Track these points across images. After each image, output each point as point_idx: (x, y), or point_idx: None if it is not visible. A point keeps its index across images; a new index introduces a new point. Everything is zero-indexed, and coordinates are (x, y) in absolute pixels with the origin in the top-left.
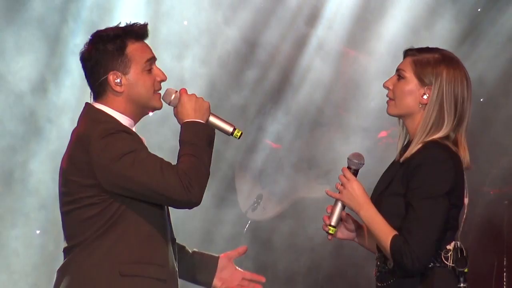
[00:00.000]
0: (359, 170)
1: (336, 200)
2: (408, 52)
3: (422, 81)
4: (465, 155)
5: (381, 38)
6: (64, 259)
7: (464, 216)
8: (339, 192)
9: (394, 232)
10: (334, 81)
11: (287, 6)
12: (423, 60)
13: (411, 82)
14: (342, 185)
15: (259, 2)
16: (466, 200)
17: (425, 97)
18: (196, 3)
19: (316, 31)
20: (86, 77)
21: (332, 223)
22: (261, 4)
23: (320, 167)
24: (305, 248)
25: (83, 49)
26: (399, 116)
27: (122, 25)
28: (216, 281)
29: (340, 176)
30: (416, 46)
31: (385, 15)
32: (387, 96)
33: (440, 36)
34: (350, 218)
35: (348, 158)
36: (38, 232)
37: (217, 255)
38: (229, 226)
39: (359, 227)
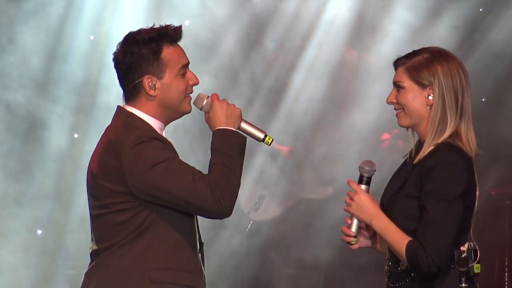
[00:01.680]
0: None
1: None
2: (398, 62)
3: (421, 85)
4: (472, 143)
5: (383, 38)
6: (91, 262)
7: (475, 209)
8: (348, 206)
9: (408, 238)
10: (336, 82)
11: (288, 6)
12: (415, 64)
13: (412, 89)
14: (350, 198)
15: (259, 2)
16: (477, 194)
17: (430, 97)
18: (197, 4)
19: (317, 32)
20: (118, 78)
21: (354, 234)
22: (262, 5)
23: (322, 168)
24: (306, 249)
25: (116, 51)
26: (411, 126)
27: (156, 26)
28: None
29: (347, 191)
30: (416, 47)
31: (386, 16)
32: (395, 109)
33: (440, 37)
34: (367, 226)
35: (359, 166)
36: (39, 232)
37: None
38: (231, 226)
39: (374, 234)
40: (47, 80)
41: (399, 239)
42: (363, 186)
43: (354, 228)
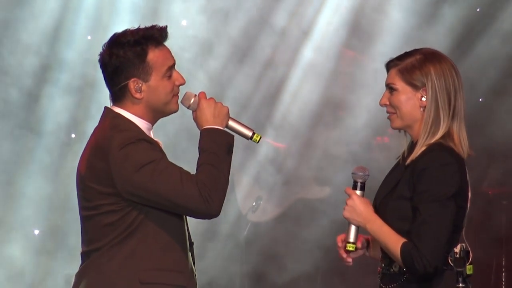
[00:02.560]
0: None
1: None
2: (390, 64)
3: (415, 86)
4: (464, 144)
5: (379, 39)
6: (81, 263)
7: (467, 210)
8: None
9: (403, 240)
10: (332, 82)
11: (285, 7)
12: (408, 66)
13: (405, 90)
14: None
15: (258, 2)
16: (469, 195)
17: (423, 99)
18: (194, 4)
19: (314, 32)
20: (105, 80)
21: (351, 240)
22: (260, 5)
23: (318, 168)
24: (304, 249)
25: (102, 53)
26: (404, 128)
27: (141, 27)
28: None
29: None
30: (415, 47)
31: (382, 17)
32: (387, 112)
33: (437, 37)
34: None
35: (352, 173)
36: (36, 232)
37: None
38: (228, 226)
39: (366, 240)
40: (44, 80)
41: (394, 241)
42: (358, 192)
43: (350, 235)
